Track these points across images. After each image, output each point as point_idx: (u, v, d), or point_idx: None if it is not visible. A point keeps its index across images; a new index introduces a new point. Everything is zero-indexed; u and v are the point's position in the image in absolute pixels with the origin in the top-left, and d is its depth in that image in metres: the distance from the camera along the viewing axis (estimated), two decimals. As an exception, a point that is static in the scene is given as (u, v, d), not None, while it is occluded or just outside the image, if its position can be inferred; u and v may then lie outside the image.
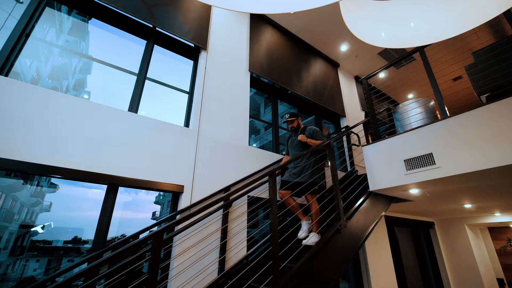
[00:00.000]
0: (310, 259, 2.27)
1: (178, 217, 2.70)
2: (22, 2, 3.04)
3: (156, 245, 1.47)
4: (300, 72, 5.18)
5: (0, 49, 2.43)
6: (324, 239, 2.46)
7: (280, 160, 3.81)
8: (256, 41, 4.58)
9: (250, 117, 3.94)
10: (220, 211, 2.85)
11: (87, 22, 4.03)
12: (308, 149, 2.99)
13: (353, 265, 4.35)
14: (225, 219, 2.91)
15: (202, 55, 3.76)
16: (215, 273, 2.64)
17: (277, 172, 2.38)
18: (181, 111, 3.50)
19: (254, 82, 4.51)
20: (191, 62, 3.83)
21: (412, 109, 3.59)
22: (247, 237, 3.12)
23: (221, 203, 2.83)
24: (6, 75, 2.41)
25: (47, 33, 3.87)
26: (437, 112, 3.55)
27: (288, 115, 3.34)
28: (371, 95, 3.79)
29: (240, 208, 3.13)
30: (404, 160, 2.96)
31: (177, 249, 2.53)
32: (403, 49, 5.78)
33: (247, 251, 3.03)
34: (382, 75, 6.68)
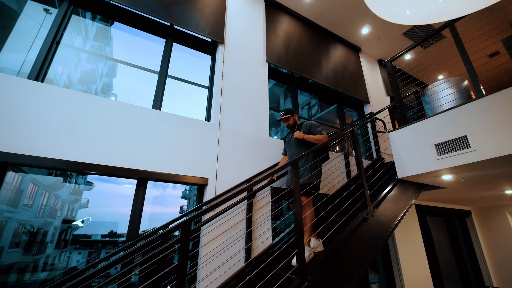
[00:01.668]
0: (336, 248, 2.25)
1: (204, 208, 2.78)
2: (51, 13, 3.25)
3: (184, 233, 1.54)
4: (320, 59, 5.04)
5: (36, 57, 2.63)
6: (350, 228, 2.41)
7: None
8: (272, 31, 4.52)
9: (270, 108, 3.92)
10: (244, 202, 2.90)
11: (110, 27, 4.22)
12: (307, 146, 2.70)
13: (383, 256, 4.23)
14: (249, 210, 2.96)
15: (220, 49, 3.79)
16: (241, 262, 2.71)
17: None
18: (202, 105, 3.57)
19: (273, 73, 4.47)
20: (209, 57, 3.88)
21: (442, 90, 3.36)
22: (272, 227, 3.15)
23: (245, 193, 2.88)
24: (42, 81, 2.61)
25: (74, 40, 4.12)
26: (471, 91, 3.29)
27: (283, 112, 2.99)
28: (397, 78, 3.59)
29: (264, 199, 3.16)
30: (435, 145, 2.79)
31: (204, 239, 2.63)
32: (431, 27, 5.39)
33: (272, 241, 3.06)
34: (408, 56, 6.29)
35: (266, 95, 3.93)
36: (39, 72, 2.59)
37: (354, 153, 2.95)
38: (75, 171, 2.49)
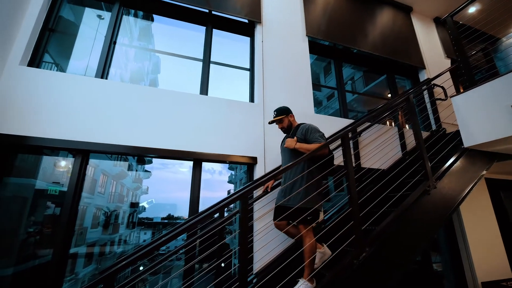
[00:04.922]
0: (394, 221, 2.15)
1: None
2: (103, 18, 3.59)
3: (243, 203, 1.64)
4: (365, 26, 4.64)
5: (99, 57, 2.97)
6: (410, 201, 2.28)
7: (352, 124, 3.57)
8: (311, 2, 4.29)
9: (313, 84, 3.79)
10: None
11: (151, 24, 4.51)
12: (301, 156, 2.06)
13: (447, 236, 3.91)
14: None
15: (258, 29, 3.76)
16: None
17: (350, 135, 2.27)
18: (243, 87, 3.64)
19: (314, 47, 4.27)
20: (247, 39, 3.89)
21: (521, 41, 2.84)
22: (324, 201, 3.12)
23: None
24: (106, 78, 2.95)
25: (123, 42, 4.52)
26: None
27: (275, 112, 2.52)
28: (460, 35, 3.14)
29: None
30: (513, 106, 2.41)
31: (257, 215, 2.75)
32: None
33: (324, 216, 3.06)
34: (472, 9, 5.37)
35: (308, 70, 3.80)
36: (103, 71, 2.93)
37: (408, 125, 2.72)
38: (138, 155, 2.79)
